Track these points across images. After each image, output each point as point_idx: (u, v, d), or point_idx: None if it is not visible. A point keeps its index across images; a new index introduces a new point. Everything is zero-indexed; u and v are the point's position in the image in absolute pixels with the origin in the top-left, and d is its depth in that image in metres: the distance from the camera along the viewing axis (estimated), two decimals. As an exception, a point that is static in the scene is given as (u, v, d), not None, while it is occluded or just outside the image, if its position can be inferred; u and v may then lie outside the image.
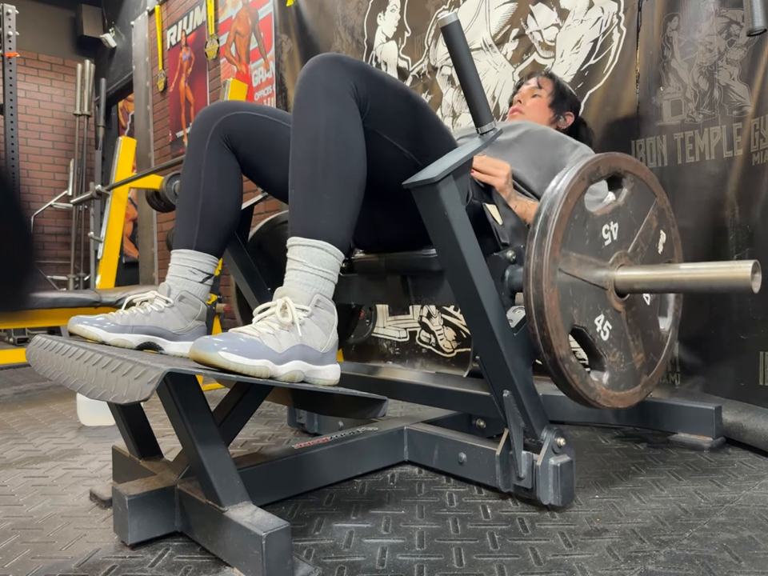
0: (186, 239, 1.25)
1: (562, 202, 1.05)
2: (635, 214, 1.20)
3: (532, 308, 1.05)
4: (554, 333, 1.04)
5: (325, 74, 1.05)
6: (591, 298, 1.11)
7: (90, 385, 0.84)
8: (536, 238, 1.05)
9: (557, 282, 1.04)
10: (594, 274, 1.12)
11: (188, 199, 1.27)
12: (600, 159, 1.14)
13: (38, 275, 0.58)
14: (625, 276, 1.14)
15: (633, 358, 1.20)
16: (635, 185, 1.19)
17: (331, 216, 1.02)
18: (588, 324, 1.10)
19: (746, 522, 1.03)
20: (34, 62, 5.42)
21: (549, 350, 1.06)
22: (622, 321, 1.17)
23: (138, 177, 2.99)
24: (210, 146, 1.28)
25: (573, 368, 1.08)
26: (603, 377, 1.14)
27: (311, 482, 1.23)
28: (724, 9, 1.61)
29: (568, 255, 1.07)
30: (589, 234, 1.11)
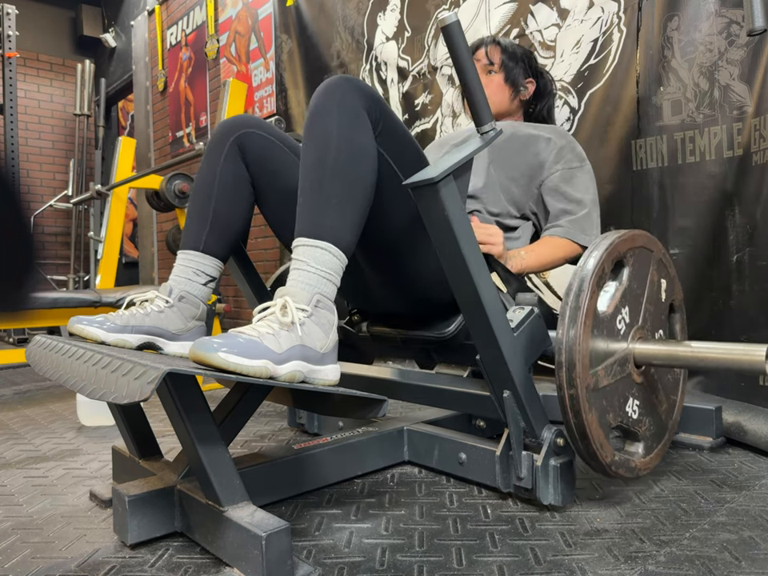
0: (194, 241, 1.25)
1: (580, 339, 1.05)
2: (639, 284, 1.20)
3: (576, 435, 1.07)
4: (599, 449, 1.07)
5: (340, 92, 1.08)
6: (620, 391, 1.13)
7: (89, 385, 0.84)
8: (565, 375, 1.05)
9: (593, 405, 1.07)
10: (618, 368, 1.13)
11: (200, 202, 1.27)
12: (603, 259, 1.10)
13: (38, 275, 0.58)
14: (642, 352, 1.15)
15: (659, 413, 1.23)
16: (634, 258, 1.18)
17: (336, 218, 1.03)
18: (623, 417, 1.13)
19: (746, 522, 1.03)
20: (34, 62, 5.42)
21: (595, 461, 1.09)
22: (645, 389, 1.19)
23: (137, 177, 2.99)
24: (227, 154, 1.29)
25: (619, 465, 1.12)
26: (639, 448, 1.18)
27: (311, 481, 1.23)
28: (724, 9, 1.61)
29: (596, 373, 1.08)
30: (606, 335, 1.11)
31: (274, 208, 1.35)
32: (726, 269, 1.61)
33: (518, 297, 1.27)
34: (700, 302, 1.66)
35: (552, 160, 1.54)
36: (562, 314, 1.08)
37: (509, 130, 1.59)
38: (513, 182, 1.55)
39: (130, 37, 4.91)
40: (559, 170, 1.53)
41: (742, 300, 1.57)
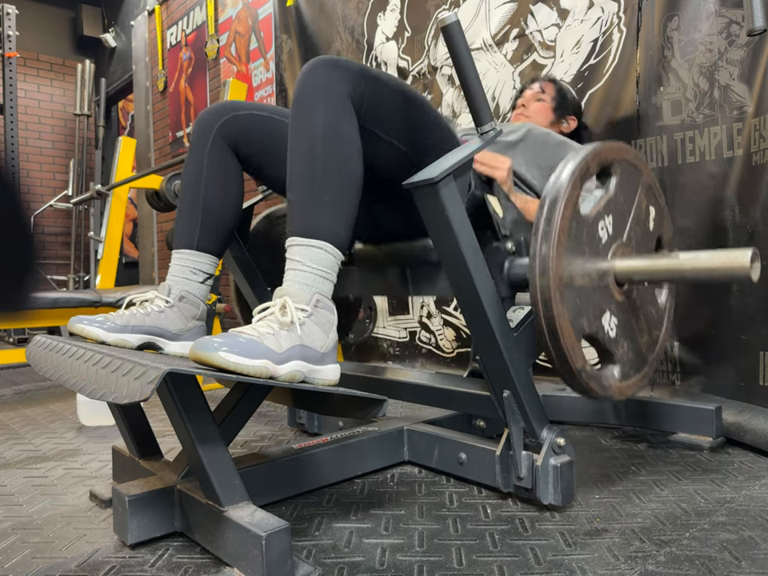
0: (187, 239, 1.25)
1: (559, 219, 1.04)
2: (626, 200, 1.19)
3: (544, 329, 1.05)
4: (569, 350, 1.05)
5: (322, 77, 1.06)
6: (596, 300, 1.12)
7: (89, 385, 0.84)
8: (538, 261, 1.04)
9: (566, 300, 1.05)
10: (595, 275, 1.12)
11: (189, 199, 1.27)
12: (589, 156, 1.12)
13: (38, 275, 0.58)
14: (624, 267, 1.14)
15: (638, 342, 1.20)
16: (622, 169, 1.19)
17: (330, 216, 1.03)
18: (597, 327, 1.11)
19: (746, 522, 1.03)
20: (34, 62, 5.42)
21: (565, 365, 1.07)
22: (625, 310, 1.17)
23: (137, 177, 2.99)
24: (211, 147, 1.28)
25: (590, 376, 1.09)
26: (615, 370, 1.15)
27: (311, 481, 1.23)
28: (724, 9, 1.61)
29: (571, 269, 1.06)
30: (587, 239, 1.11)
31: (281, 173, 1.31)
32: (725, 269, 1.61)
33: (517, 297, 1.27)
34: (700, 301, 1.66)
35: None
36: (543, 199, 1.07)
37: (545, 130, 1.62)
38: (535, 166, 1.56)
39: (129, 37, 4.91)
40: None
41: (741, 300, 1.57)
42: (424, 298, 2.53)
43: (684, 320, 1.71)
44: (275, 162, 1.32)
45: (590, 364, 1.10)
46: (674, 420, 1.53)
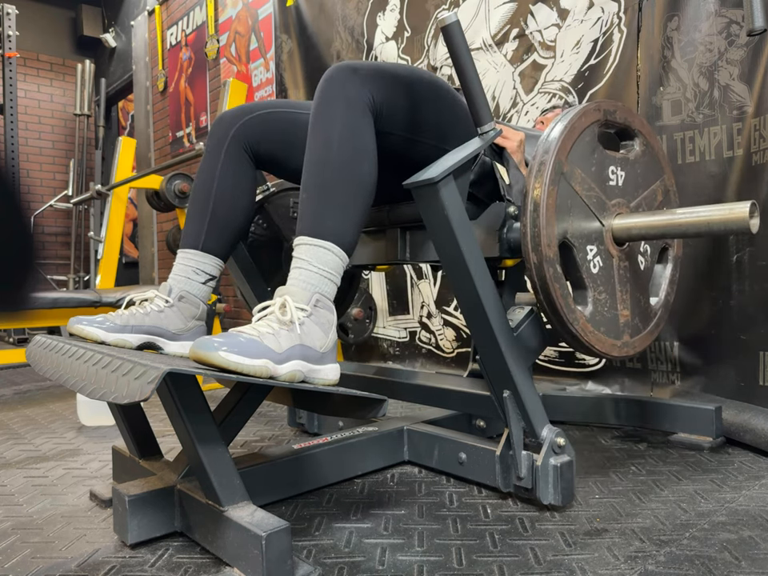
0: (193, 240, 1.25)
1: (576, 116, 1.07)
2: (643, 176, 1.21)
3: (528, 202, 1.04)
4: (544, 229, 1.02)
5: (341, 84, 1.08)
6: (588, 224, 1.11)
7: (90, 385, 0.84)
8: (545, 140, 1.05)
9: (558, 183, 1.04)
10: (594, 203, 1.12)
11: (199, 201, 1.27)
12: (619, 105, 1.16)
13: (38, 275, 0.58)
14: (623, 221, 1.14)
15: (618, 310, 1.18)
16: (647, 149, 1.20)
17: (339, 219, 1.03)
18: (579, 245, 1.09)
19: (746, 522, 1.03)
20: (34, 62, 5.42)
21: (536, 249, 1.03)
22: (614, 266, 1.16)
23: (137, 177, 2.99)
24: (226, 152, 1.29)
25: (557, 277, 1.05)
26: (586, 309, 1.13)
27: (311, 481, 1.23)
28: (724, 9, 1.61)
29: (573, 168, 1.06)
30: (596, 163, 1.11)
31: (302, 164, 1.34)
32: (726, 269, 1.61)
33: (517, 297, 1.27)
34: (700, 301, 1.66)
35: None
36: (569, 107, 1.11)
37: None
38: None
39: (129, 37, 4.91)
40: None
41: (741, 300, 1.57)
42: (424, 298, 2.53)
43: (684, 320, 1.71)
44: (297, 155, 1.32)
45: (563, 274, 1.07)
46: (673, 420, 1.53)
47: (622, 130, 1.22)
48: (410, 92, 1.15)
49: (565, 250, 1.10)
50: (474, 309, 1.09)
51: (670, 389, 1.73)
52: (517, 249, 1.19)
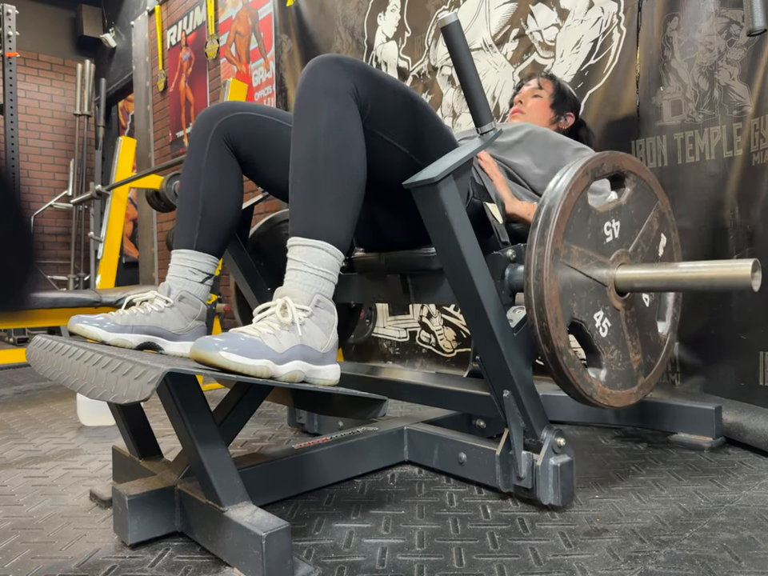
0: (187, 239, 1.25)
1: (566, 194, 1.06)
2: (637, 215, 1.21)
3: (532, 298, 1.04)
4: (552, 323, 1.04)
5: (325, 75, 1.05)
6: (591, 293, 1.12)
7: (90, 385, 0.84)
8: (538, 228, 1.05)
9: (558, 273, 1.05)
10: (594, 269, 1.12)
11: (188, 199, 1.27)
12: (605, 156, 1.15)
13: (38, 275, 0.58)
14: (625, 274, 1.14)
15: (630, 358, 1.20)
16: (638, 185, 1.20)
17: (332, 216, 1.02)
18: (587, 319, 1.10)
19: (746, 522, 1.03)
20: (34, 62, 5.42)
21: (547, 342, 1.05)
22: (621, 320, 1.17)
23: (137, 177, 2.99)
24: (210, 146, 1.28)
25: (570, 361, 1.07)
26: (600, 374, 1.14)
27: (311, 481, 1.23)
28: (724, 9, 1.61)
29: (570, 248, 1.07)
30: (591, 229, 1.11)
31: (278, 179, 1.33)
32: (725, 269, 1.61)
33: (517, 297, 1.27)
34: (700, 301, 1.66)
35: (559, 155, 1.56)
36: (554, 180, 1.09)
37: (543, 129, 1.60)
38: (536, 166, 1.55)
39: (129, 37, 4.91)
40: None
41: (741, 300, 1.57)
42: (424, 298, 2.53)
43: (684, 320, 1.71)
44: (273, 165, 1.32)
45: (575, 352, 1.09)
46: (673, 420, 1.53)
47: (612, 177, 1.21)
48: (393, 94, 1.13)
49: (574, 328, 1.11)
50: (474, 309, 1.09)
51: (669, 389, 1.73)
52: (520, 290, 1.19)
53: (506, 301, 1.18)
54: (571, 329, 1.10)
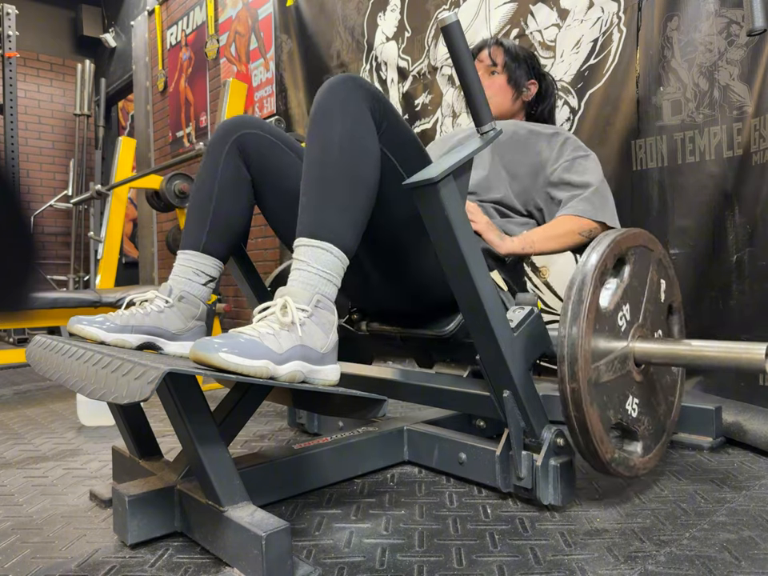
0: (194, 240, 1.25)
1: (583, 336, 1.05)
2: (639, 282, 1.20)
3: (576, 430, 1.07)
4: (600, 444, 1.07)
5: (343, 91, 1.08)
6: (620, 388, 1.13)
7: (90, 385, 0.84)
8: (567, 369, 1.05)
9: (594, 399, 1.07)
10: (618, 364, 1.13)
11: (201, 201, 1.27)
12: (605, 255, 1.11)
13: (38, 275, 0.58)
14: (643, 350, 1.15)
15: (657, 413, 1.23)
16: (636, 255, 1.19)
17: (338, 219, 1.03)
18: (623, 415, 1.13)
19: (746, 522, 1.03)
20: (34, 62, 5.42)
21: (596, 459, 1.09)
22: (644, 388, 1.19)
23: (137, 177, 2.99)
24: (228, 153, 1.29)
25: (619, 463, 1.11)
26: (638, 447, 1.18)
27: (311, 482, 1.23)
28: (724, 9, 1.61)
29: (597, 368, 1.08)
30: (608, 331, 1.12)
31: (276, 208, 1.35)
32: (726, 269, 1.61)
33: (517, 297, 1.27)
34: (700, 301, 1.66)
35: (554, 157, 1.52)
36: (564, 310, 1.08)
37: (510, 128, 1.58)
38: (515, 180, 1.54)
39: (129, 37, 4.91)
40: (562, 164, 1.51)
41: (741, 300, 1.57)
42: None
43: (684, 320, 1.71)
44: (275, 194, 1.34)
45: (617, 450, 1.12)
46: (674, 420, 1.52)
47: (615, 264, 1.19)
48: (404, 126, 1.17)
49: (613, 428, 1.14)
50: (474, 309, 1.09)
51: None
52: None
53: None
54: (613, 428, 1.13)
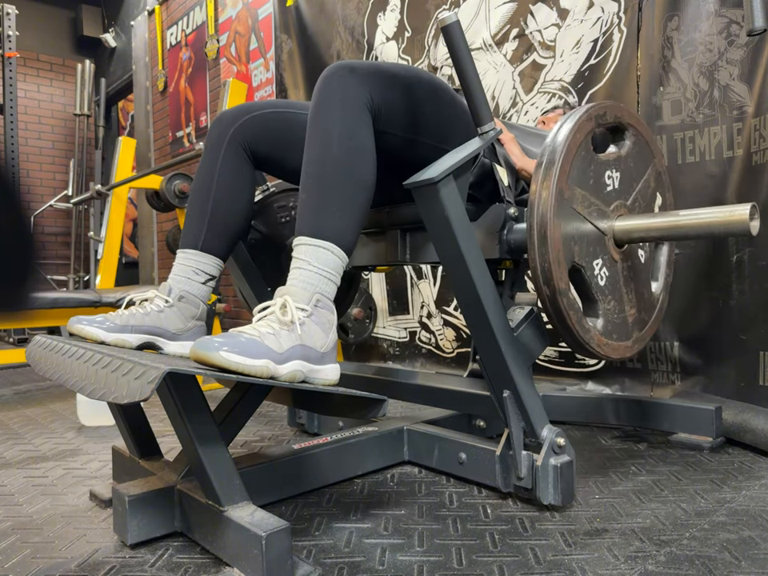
0: (193, 240, 1.25)
1: (570, 135, 1.07)
2: (635, 169, 1.22)
3: (535, 238, 1.04)
4: (555, 264, 1.03)
5: (339, 84, 1.08)
6: (591, 240, 1.12)
7: (90, 385, 0.84)
8: (543, 167, 1.06)
9: (561, 215, 1.05)
10: (595, 216, 1.13)
11: (198, 200, 1.27)
12: (607, 105, 1.17)
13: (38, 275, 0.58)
14: (624, 224, 1.15)
15: (626, 311, 1.20)
16: (636, 140, 1.21)
17: (339, 218, 1.03)
18: (587, 264, 1.11)
19: (746, 522, 1.03)
20: (34, 62, 5.42)
21: (548, 283, 1.05)
22: (618, 271, 1.18)
23: (137, 177, 2.99)
24: (226, 150, 1.29)
25: (570, 304, 1.07)
26: (597, 323, 1.15)
27: (311, 482, 1.23)
28: (724, 9, 1.61)
29: (573, 189, 1.07)
30: (593, 175, 1.12)
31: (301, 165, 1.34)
32: (726, 269, 1.61)
33: (517, 297, 1.27)
34: (700, 301, 1.66)
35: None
36: (558, 123, 1.10)
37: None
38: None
39: (129, 37, 4.91)
40: None
41: (741, 300, 1.57)
42: (424, 298, 2.53)
43: (684, 320, 1.71)
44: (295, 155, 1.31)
45: (575, 296, 1.09)
46: (673, 420, 1.52)
47: (613, 128, 1.23)
48: (408, 92, 1.15)
49: (573, 273, 1.11)
50: (474, 309, 1.09)
51: (670, 389, 1.73)
52: (518, 250, 1.19)
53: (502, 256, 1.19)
54: (570, 274, 1.10)
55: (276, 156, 1.33)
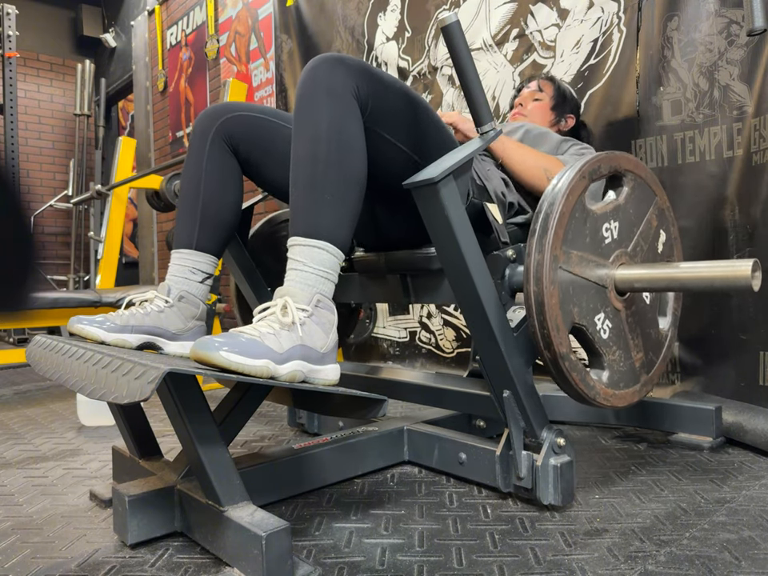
0: (186, 239, 1.25)
1: (563, 199, 1.06)
2: (635, 213, 1.20)
3: (532, 306, 1.05)
4: (554, 331, 1.04)
5: (326, 75, 1.05)
6: (591, 297, 1.12)
7: (89, 385, 0.84)
8: (537, 236, 1.05)
9: (557, 280, 1.05)
10: (594, 272, 1.12)
11: (188, 199, 1.27)
12: (601, 158, 1.14)
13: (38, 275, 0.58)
14: (625, 275, 1.14)
15: (632, 357, 1.20)
16: (635, 184, 1.20)
17: (332, 216, 1.02)
18: (588, 322, 1.11)
19: (746, 522, 1.03)
20: (34, 62, 5.42)
21: (549, 348, 1.06)
22: (622, 320, 1.17)
23: (137, 177, 2.99)
24: (210, 146, 1.28)
25: (573, 366, 1.08)
26: (603, 375, 1.14)
27: (311, 481, 1.23)
28: (724, 9, 1.61)
29: (569, 253, 1.07)
30: (589, 233, 1.11)
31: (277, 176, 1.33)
32: (725, 269, 1.61)
33: (517, 296, 1.27)
34: (700, 301, 1.66)
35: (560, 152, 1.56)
36: (552, 183, 1.09)
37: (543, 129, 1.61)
38: None
39: (129, 37, 4.91)
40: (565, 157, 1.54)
41: (741, 300, 1.57)
42: (424, 298, 2.53)
43: (684, 320, 1.71)
44: (273, 166, 1.32)
45: (577, 356, 1.09)
46: (673, 420, 1.52)
47: (609, 178, 1.21)
48: (394, 93, 1.13)
49: (576, 332, 1.12)
50: (474, 309, 1.09)
51: (670, 389, 1.73)
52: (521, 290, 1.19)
53: (506, 301, 1.18)
54: (573, 332, 1.10)
55: (253, 160, 1.32)
